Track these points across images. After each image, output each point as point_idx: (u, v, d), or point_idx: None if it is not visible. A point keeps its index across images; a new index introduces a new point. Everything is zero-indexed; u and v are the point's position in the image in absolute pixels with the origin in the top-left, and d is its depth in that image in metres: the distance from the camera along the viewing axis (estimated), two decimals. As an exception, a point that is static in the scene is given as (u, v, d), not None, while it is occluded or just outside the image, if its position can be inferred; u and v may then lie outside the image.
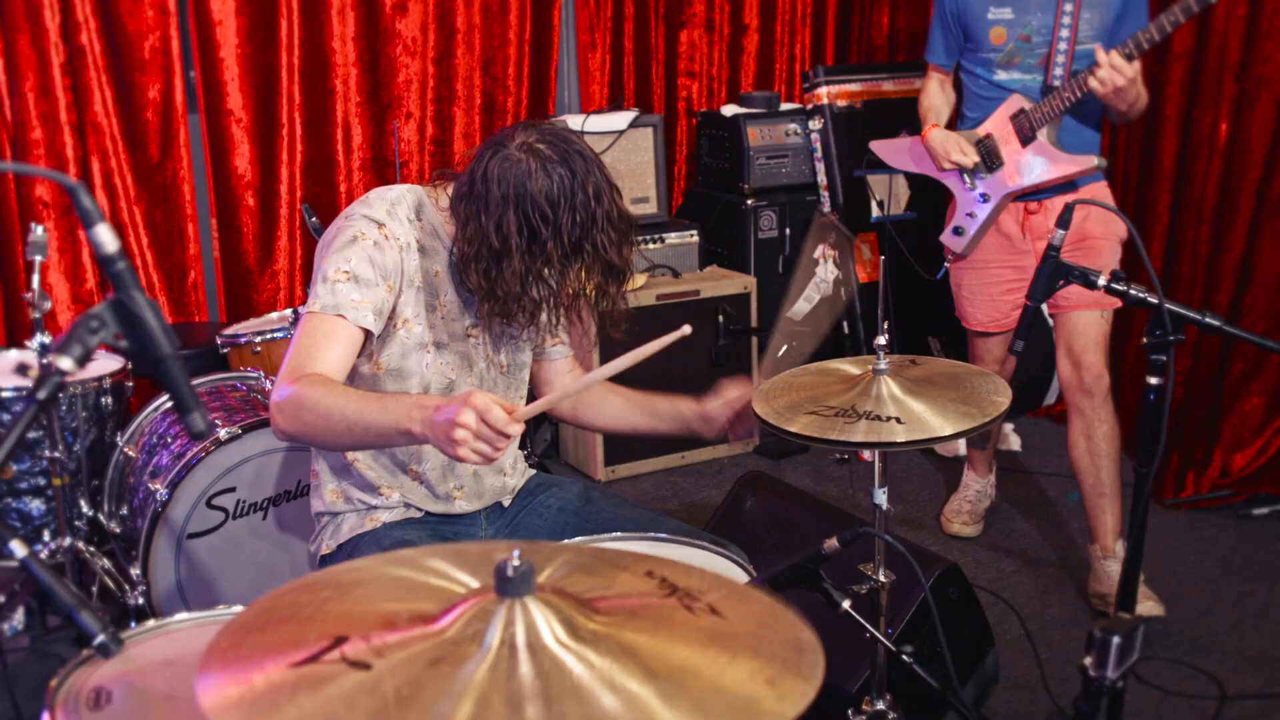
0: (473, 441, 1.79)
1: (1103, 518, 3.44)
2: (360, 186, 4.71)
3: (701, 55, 5.42)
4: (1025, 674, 3.11)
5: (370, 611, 1.32)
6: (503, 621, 1.25)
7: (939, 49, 3.64)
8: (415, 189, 2.25)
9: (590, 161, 2.08)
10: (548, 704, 1.16)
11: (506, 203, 2.03)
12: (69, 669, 1.78)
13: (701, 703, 1.17)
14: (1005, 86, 3.42)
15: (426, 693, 1.17)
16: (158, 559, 2.92)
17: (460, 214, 2.10)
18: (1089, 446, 3.41)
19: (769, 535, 3.02)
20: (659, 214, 4.84)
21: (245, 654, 1.26)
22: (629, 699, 1.17)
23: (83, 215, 1.08)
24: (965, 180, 3.53)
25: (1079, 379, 3.38)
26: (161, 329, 1.11)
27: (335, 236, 2.14)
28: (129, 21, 4.24)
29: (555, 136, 2.07)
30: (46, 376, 1.07)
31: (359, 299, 2.07)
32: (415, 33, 4.72)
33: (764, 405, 2.11)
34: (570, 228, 2.04)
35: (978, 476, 4.02)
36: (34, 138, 4.14)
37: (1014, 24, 3.36)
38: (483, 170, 2.06)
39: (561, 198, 2.03)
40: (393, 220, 2.16)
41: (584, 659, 1.22)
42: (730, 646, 1.25)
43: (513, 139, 2.07)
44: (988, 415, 2.00)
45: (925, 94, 3.73)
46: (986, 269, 3.59)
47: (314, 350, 2.04)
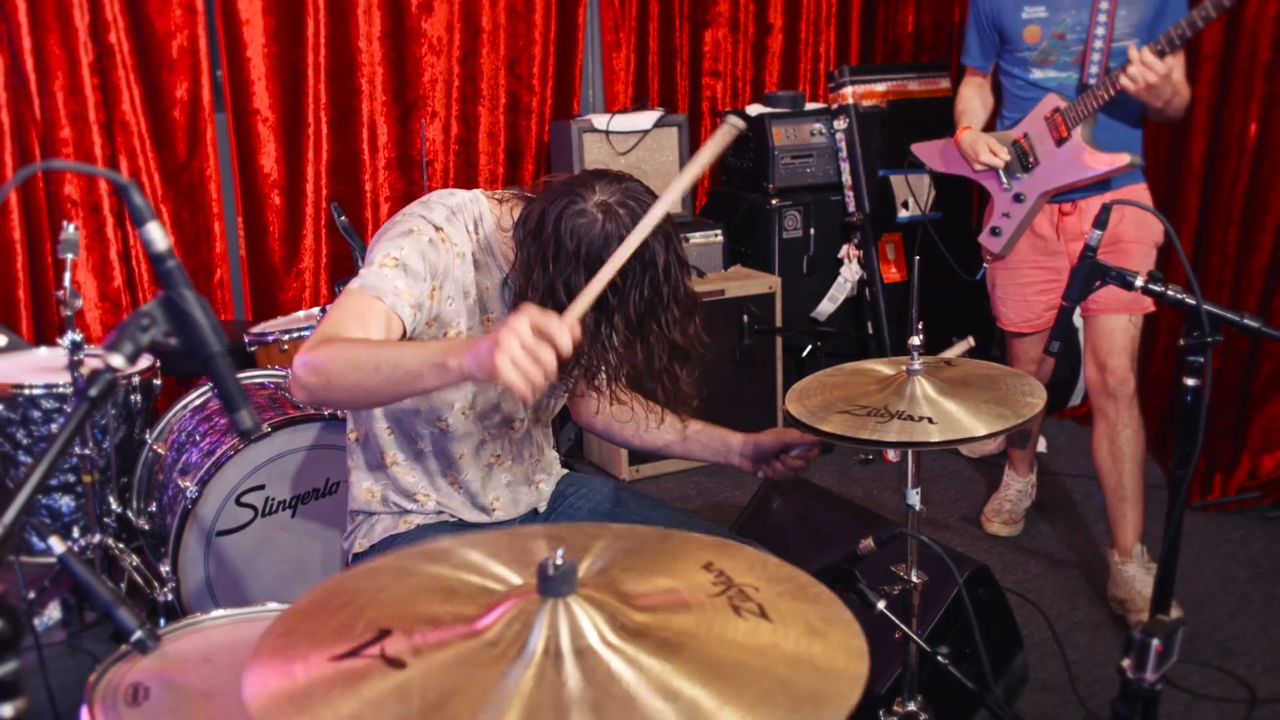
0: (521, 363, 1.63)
1: (1123, 522, 3.42)
2: (385, 186, 4.72)
3: (726, 55, 5.42)
4: (1053, 676, 3.10)
5: (419, 606, 1.32)
6: (545, 624, 1.25)
7: (974, 51, 3.62)
8: (479, 199, 2.18)
9: (665, 235, 1.98)
10: (592, 711, 1.15)
11: (577, 262, 1.95)
12: (106, 664, 1.79)
13: (746, 710, 1.16)
14: (1041, 85, 3.40)
15: (461, 700, 1.16)
16: (187, 556, 2.93)
17: (525, 249, 2.03)
18: (1112, 450, 3.39)
19: (796, 536, 3.02)
20: (683, 213, 4.84)
21: (295, 641, 1.26)
22: (675, 703, 1.16)
23: (134, 213, 1.08)
24: (1001, 180, 3.52)
25: (1104, 382, 3.36)
26: (211, 326, 1.12)
27: (391, 227, 2.11)
28: (157, 21, 4.26)
29: (635, 200, 1.99)
30: (98, 374, 1.08)
31: (402, 287, 2.01)
32: (441, 32, 4.73)
33: (797, 405, 2.11)
34: (636, 302, 1.97)
35: (1018, 476, 4.01)
36: (63, 136, 4.16)
37: (1048, 22, 3.34)
38: (556, 217, 1.97)
39: (632, 271, 1.94)
40: (451, 227, 2.11)
41: (631, 661, 1.21)
42: (774, 653, 1.24)
43: (592, 192, 1.98)
44: (1021, 416, 1.99)
45: (960, 97, 3.72)
46: (1020, 269, 3.58)
47: (347, 324, 1.95)
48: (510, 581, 1.37)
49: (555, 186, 2.04)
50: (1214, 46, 4.14)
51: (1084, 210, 3.43)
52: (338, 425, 3.02)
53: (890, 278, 5.00)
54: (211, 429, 3.14)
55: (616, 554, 1.43)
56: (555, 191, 2.02)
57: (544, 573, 1.28)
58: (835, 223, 5.00)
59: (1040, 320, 3.61)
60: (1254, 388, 4.18)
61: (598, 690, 1.18)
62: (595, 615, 1.26)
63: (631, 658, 1.22)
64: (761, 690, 1.19)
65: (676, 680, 1.19)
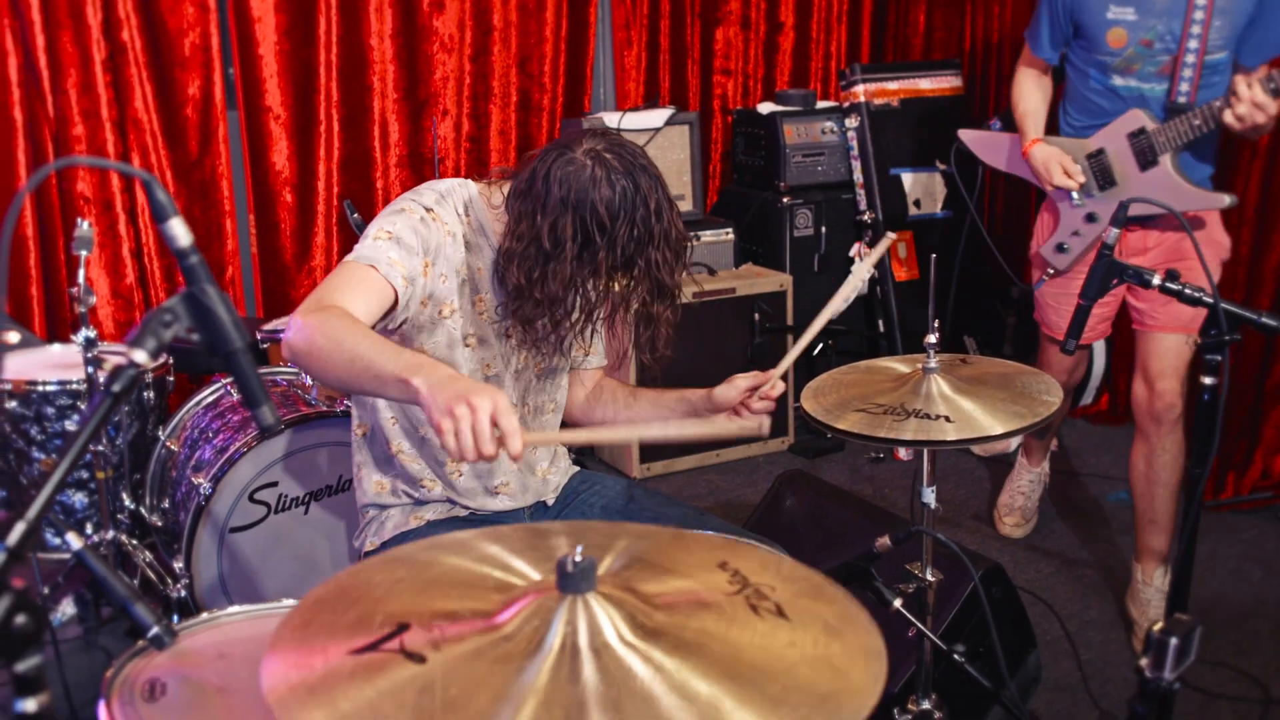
0: (464, 428, 1.66)
1: (1150, 543, 3.35)
2: (397, 183, 4.72)
3: (737, 53, 5.41)
4: (1066, 675, 3.09)
5: (436, 600, 1.32)
6: (564, 620, 1.25)
7: (1044, 40, 3.35)
8: (467, 184, 2.24)
9: (654, 178, 2.05)
10: (609, 709, 1.15)
11: (565, 206, 2.00)
12: (123, 660, 1.79)
13: (764, 709, 1.16)
14: (1122, 95, 3.18)
15: (480, 695, 1.16)
16: (200, 553, 2.94)
17: (514, 210, 2.08)
18: (1147, 472, 3.30)
19: (809, 533, 3.02)
20: (694, 211, 4.84)
21: (313, 634, 1.26)
22: (691, 702, 1.16)
23: (156, 209, 1.08)
24: (1073, 198, 3.33)
25: (1150, 404, 3.24)
26: (233, 322, 1.12)
27: (387, 209, 2.16)
28: (169, 18, 4.26)
29: (622, 148, 2.05)
30: (121, 370, 1.08)
31: (395, 258, 2.04)
32: (452, 30, 4.73)
33: (813, 402, 2.10)
34: (626, 241, 2.01)
35: (1030, 466, 3.95)
36: (75, 133, 4.17)
37: (1136, 26, 3.09)
38: (545, 170, 2.03)
39: (622, 210, 2.00)
40: (441, 208, 2.17)
41: (648, 660, 1.21)
42: (793, 652, 1.24)
43: (580, 144, 2.05)
44: (1038, 415, 1.99)
45: (1022, 93, 3.47)
46: (1074, 280, 3.39)
47: (342, 291, 1.96)
48: (529, 577, 1.37)
49: (543, 150, 2.10)
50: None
51: (1149, 227, 3.26)
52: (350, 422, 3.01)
53: (901, 276, 5.00)
54: (224, 426, 3.14)
55: (634, 553, 1.43)
56: (544, 151, 2.08)
57: (563, 569, 1.28)
58: (846, 221, 5.00)
59: (1093, 333, 3.51)
60: (1268, 387, 4.17)
61: (615, 687, 1.18)
62: (614, 613, 1.26)
63: (649, 656, 1.22)
64: (780, 690, 1.19)
65: (694, 679, 1.19)
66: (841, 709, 1.17)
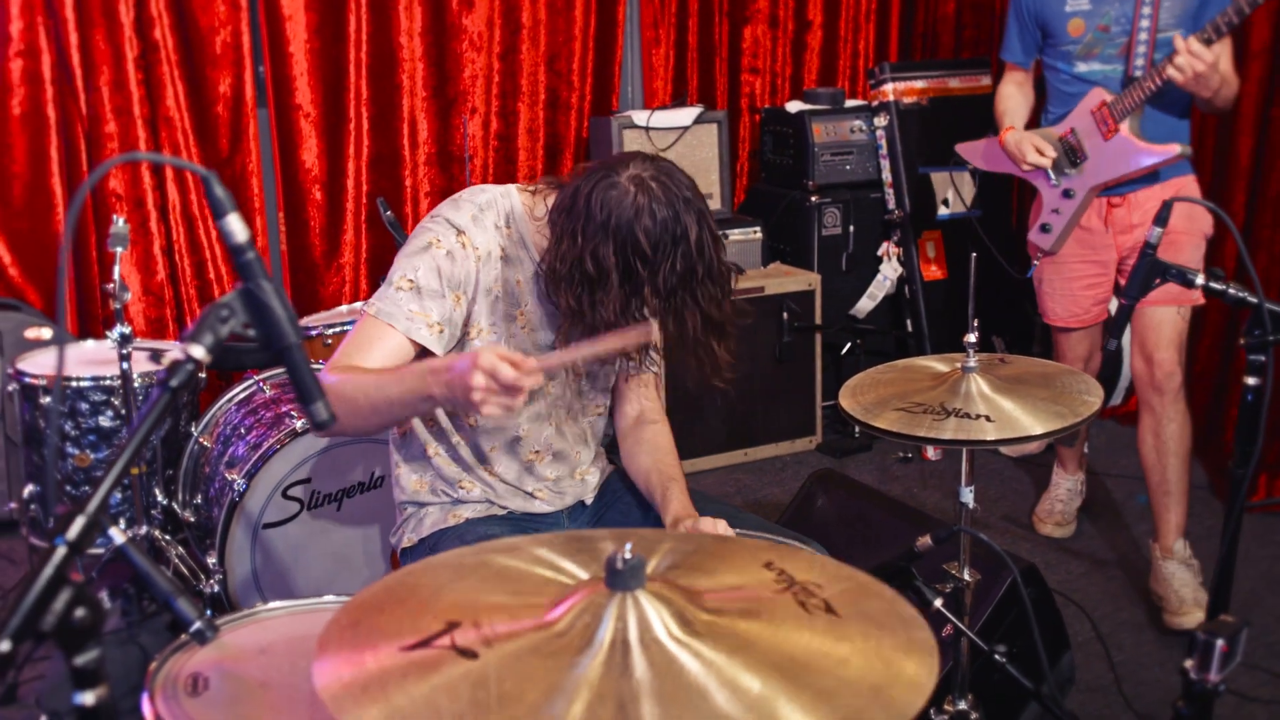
0: (490, 399, 1.77)
1: (1166, 516, 3.40)
2: (425, 181, 4.73)
3: (765, 51, 5.40)
4: (1098, 677, 3.08)
5: (483, 599, 1.32)
6: (614, 616, 1.25)
7: (1015, 47, 3.60)
8: (511, 193, 2.20)
9: (697, 210, 2.00)
10: (660, 703, 1.16)
11: (606, 233, 1.96)
12: (165, 654, 1.80)
13: (815, 704, 1.16)
14: (1086, 79, 3.37)
15: (534, 689, 1.17)
16: (234, 548, 2.95)
17: (556, 227, 2.04)
18: (1156, 444, 3.37)
19: (841, 533, 3.01)
20: (722, 210, 4.83)
21: (362, 633, 1.27)
22: (742, 697, 1.16)
23: (214, 205, 1.09)
24: (1050, 177, 3.50)
25: (1150, 375, 3.34)
26: (288, 318, 1.12)
27: (413, 239, 2.13)
28: (201, 17, 4.28)
29: (668, 176, 2.00)
30: (179, 364, 1.08)
31: (416, 310, 2.05)
32: (481, 28, 4.74)
33: (851, 401, 2.10)
34: (668, 273, 1.97)
35: (1067, 474, 3.98)
36: (108, 131, 4.19)
37: (1092, 15, 3.32)
38: (589, 191, 1.99)
39: (663, 242, 1.96)
40: (476, 227, 2.13)
41: (698, 655, 1.22)
42: (843, 647, 1.24)
43: (626, 167, 2.00)
44: (1079, 415, 1.98)
45: (1001, 95, 3.68)
46: (1067, 264, 3.55)
47: (355, 353, 2.04)
48: (577, 576, 1.37)
49: (590, 166, 2.06)
50: (1263, 43, 4.10)
51: (1133, 203, 3.41)
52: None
53: (930, 275, 4.98)
54: (257, 422, 3.15)
55: (680, 553, 1.43)
56: (589, 170, 2.04)
57: (612, 566, 1.28)
58: (875, 220, 4.98)
59: (1088, 315, 3.59)
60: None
61: (665, 681, 1.19)
62: (663, 610, 1.26)
63: (699, 652, 1.22)
64: (833, 684, 1.19)
65: (744, 675, 1.19)
66: (895, 701, 1.17)
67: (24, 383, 3.28)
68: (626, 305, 1.99)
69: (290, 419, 3.04)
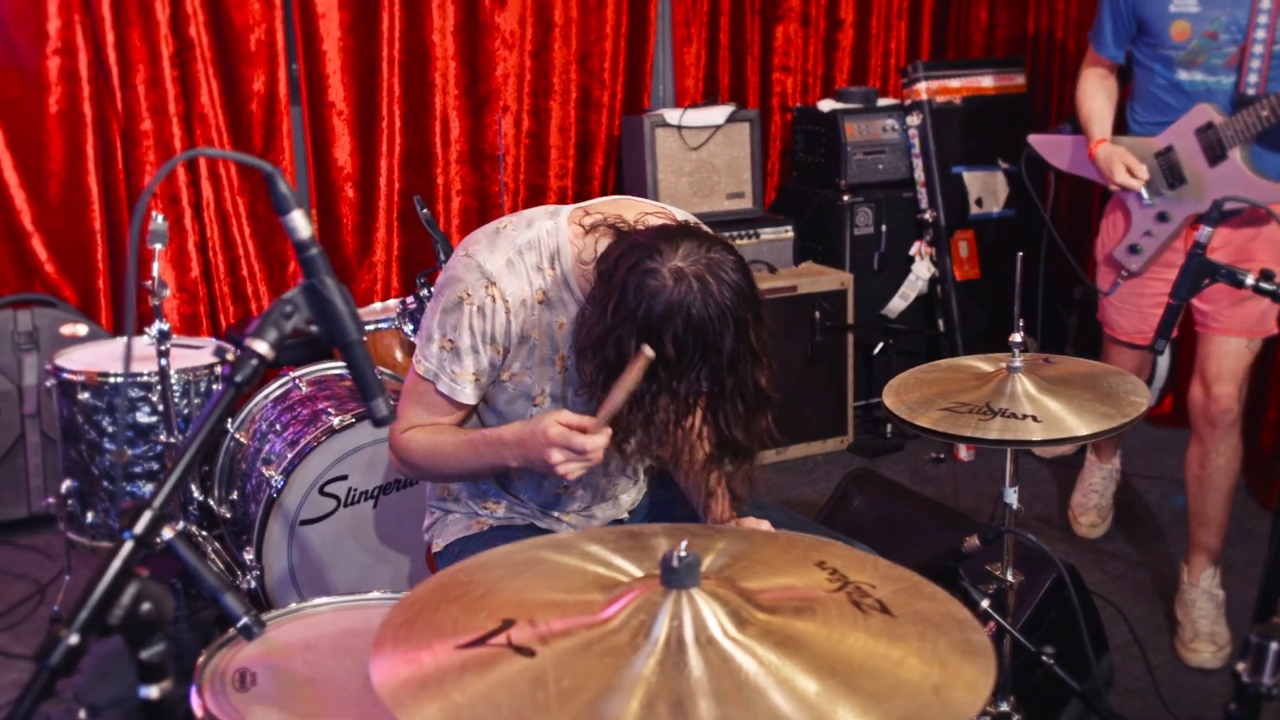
0: (570, 465, 1.86)
1: (1199, 544, 3.30)
2: (457, 179, 4.73)
3: (796, 50, 5.39)
4: (1135, 680, 3.06)
5: (538, 597, 1.32)
6: (669, 614, 1.25)
7: (1107, 39, 3.31)
8: (560, 230, 2.04)
9: (739, 320, 1.80)
10: (716, 701, 1.16)
11: (634, 323, 1.79)
12: (213, 649, 1.81)
13: (872, 706, 1.15)
14: (1187, 89, 3.13)
15: (591, 686, 1.17)
16: (271, 544, 2.95)
17: (595, 291, 1.89)
18: (1201, 475, 3.26)
19: (878, 533, 2.99)
20: (753, 209, 4.83)
21: (417, 632, 1.27)
22: (798, 697, 1.16)
23: (278, 201, 1.09)
24: (1143, 195, 3.25)
25: (1206, 407, 3.19)
26: (350, 314, 1.13)
27: (445, 287, 2.05)
28: (236, 14, 4.30)
29: (716, 273, 1.79)
30: (243, 360, 1.09)
31: (458, 371, 2.04)
32: (514, 26, 4.74)
33: (895, 400, 2.09)
34: (690, 384, 1.83)
35: (1101, 462, 3.90)
36: (143, 128, 4.21)
37: (1199, 18, 3.05)
38: (629, 267, 1.81)
39: (690, 352, 1.79)
40: (510, 273, 2.01)
41: (754, 654, 1.21)
42: (899, 647, 1.24)
43: (675, 249, 1.80)
44: (1127, 416, 1.97)
45: (1086, 95, 3.41)
46: (1141, 280, 3.36)
47: (412, 411, 2.13)
48: (630, 573, 1.37)
49: (643, 232, 1.89)
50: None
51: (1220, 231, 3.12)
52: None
53: (963, 275, 4.96)
54: (294, 419, 3.16)
55: (733, 552, 1.43)
56: (640, 238, 1.86)
57: (668, 564, 1.28)
58: (907, 219, 4.97)
59: (1150, 329, 3.47)
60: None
61: (722, 680, 1.19)
62: (718, 609, 1.26)
63: (754, 651, 1.22)
64: (891, 684, 1.19)
65: (800, 674, 1.19)
66: (955, 702, 1.16)
67: (62, 379, 3.29)
68: (639, 399, 1.84)
69: (327, 416, 3.05)
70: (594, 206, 2.09)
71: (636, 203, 2.13)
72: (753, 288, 1.84)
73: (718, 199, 4.78)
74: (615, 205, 2.09)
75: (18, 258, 4.17)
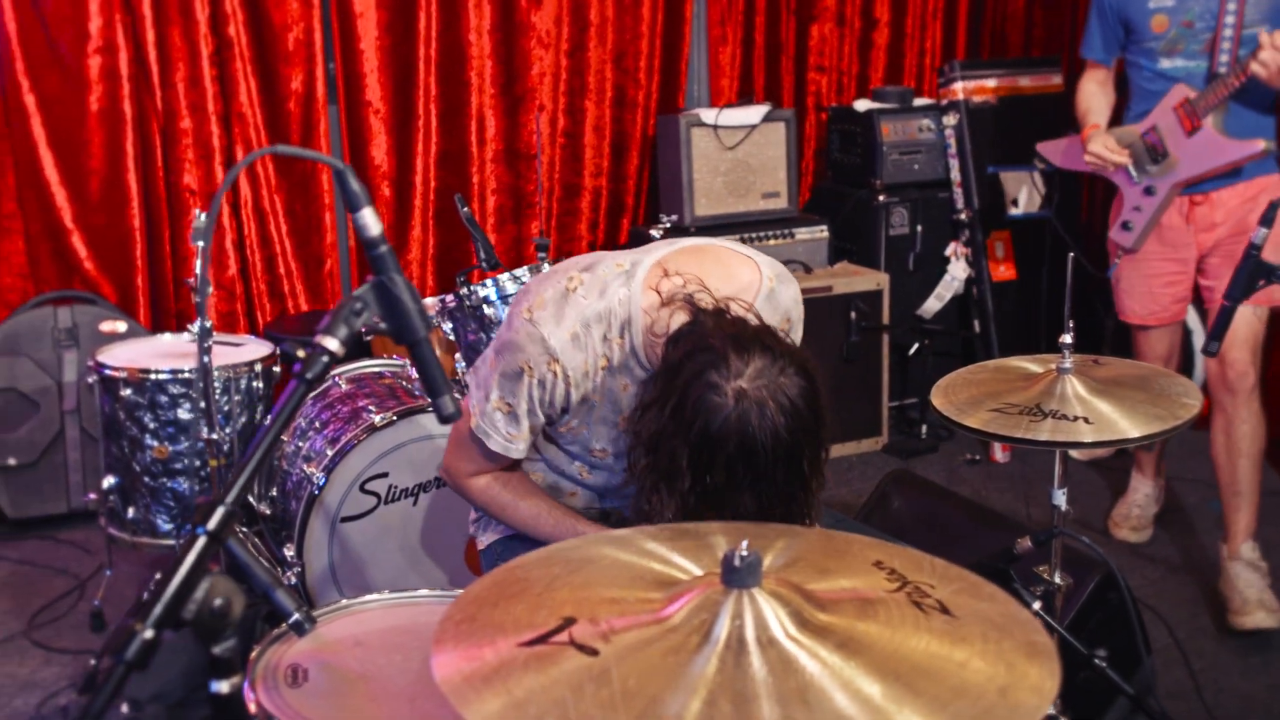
0: None
1: (1235, 517, 3.38)
2: (492, 178, 4.74)
3: (831, 49, 5.37)
4: (1176, 684, 3.03)
5: (597, 595, 1.32)
6: (730, 614, 1.25)
7: (1096, 44, 3.59)
8: (632, 300, 1.95)
9: (793, 450, 1.72)
10: (778, 702, 1.15)
11: (688, 436, 1.72)
12: (265, 644, 1.81)
13: (936, 709, 1.15)
14: (1169, 75, 3.37)
15: (653, 684, 1.17)
16: (312, 542, 2.97)
17: (656, 380, 1.81)
18: (1227, 444, 3.36)
19: (919, 534, 2.98)
20: (788, 209, 4.82)
21: (478, 629, 1.27)
22: (862, 700, 1.15)
23: (350, 199, 1.10)
24: (1131, 174, 3.49)
25: (1223, 375, 3.32)
26: (418, 312, 1.13)
27: (506, 351, 1.99)
28: (274, 14, 4.32)
29: (780, 398, 1.70)
30: (313, 357, 1.09)
31: (514, 433, 2.04)
32: (549, 25, 4.75)
33: (943, 400, 2.08)
34: (740, 506, 1.75)
35: (1145, 480, 3.93)
36: (183, 127, 4.24)
37: (1175, 11, 3.31)
38: (694, 373, 1.72)
39: (740, 478, 1.72)
40: (575, 347, 1.95)
41: (816, 655, 1.21)
42: (962, 649, 1.23)
43: (745, 362, 1.71)
44: (1179, 418, 1.96)
45: (1082, 94, 3.66)
46: (1146, 262, 3.54)
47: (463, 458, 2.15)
48: (690, 572, 1.36)
49: (717, 332, 1.77)
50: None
51: (1215, 201, 3.39)
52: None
53: (999, 276, 4.93)
54: (334, 417, 3.17)
55: (792, 552, 1.42)
56: (713, 339, 1.75)
57: (729, 563, 1.27)
58: (942, 220, 4.95)
59: (1167, 313, 3.56)
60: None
61: (784, 681, 1.18)
62: (779, 609, 1.25)
63: (815, 653, 1.21)
64: (956, 685, 1.18)
65: (863, 678, 1.18)
66: (1022, 704, 1.15)
67: (104, 375, 3.31)
68: (684, 505, 1.76)
69: (367, 413, 3.06)
70: (675, 263, 1.98)
71: (722, 254, 2.04)
72: (818, 416, 1.74)
73: (753, 199, 4.78)
74: (698, 258, 2.00)
75: (58, 255, 4.21)
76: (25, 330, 4.04)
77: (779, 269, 2.05)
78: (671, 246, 2.03)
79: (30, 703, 3.07)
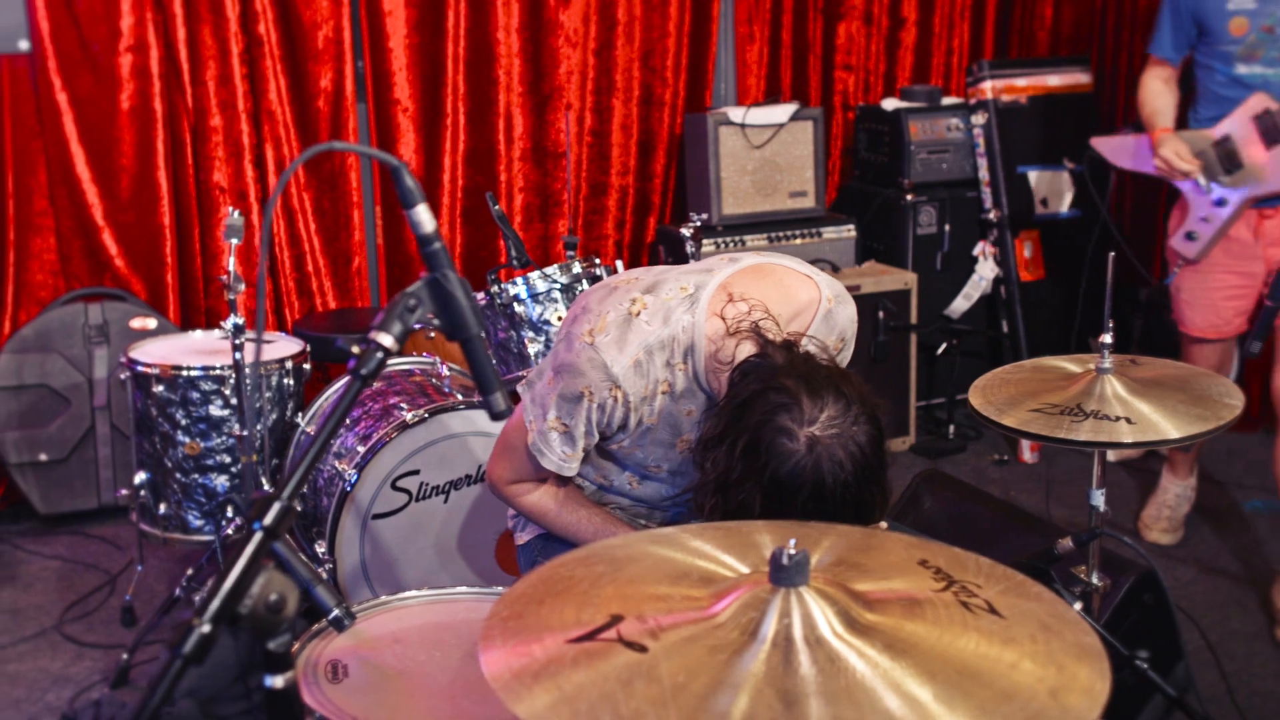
0: None
1: None
2: (520, 176, 4.74)
3: (859, 48, 5.36)
4: (1209, 686, 3.01)
5: (643, 592, 1.32)
6: (778, 612, 1.24)
7: (1166, 42, 3.45)
8: (696, 326, 1.94)
9: (861, 498, 1.72)
10: (827, 702, 1.15)
11: (759, 479, 1.70)
12: (305, 640, 1.82)
13: (987, 711, 1.14)
14: (1246, 82, 3.25)
15: (701, 682, 1.17)
16: (344, 538, 2.98)
17: (722, 415, 1.78)
18: None
19: (951, 534, 2.97)
20: (815, 208, 4.81)
21: (525, 626, 1.27)
22: (911, 701, 1.15)
23: (404, 195, 1.10)
24: (1200, 184, 3.35)
25: None
26: (472, 308, 1.13)
27: (566, 373, 1.97)
28: (304, 12, 4.33)
29: (850, 447, 1.69)
30: (368, 353, 1.09)
31: (569, 453, 2.03)
32: (577, 24, 4.74)
33: (981, 399, 2.07)
34: None
35: (1177, 479, 3.88)
36: (213, 124, 4.26)
37: (1257, 14, 3.19)
38: (764, 414, 1.71)
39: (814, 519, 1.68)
40: (636, 374, 1.94)
41: (864, 655, 1.20)
42: (1012, 650, 1.22)
43: (817, 410, 1.70)
44: (1221, 419, 1.94)
45: (1148, 93, 3.54)
46: (1211, 274, 3.43)
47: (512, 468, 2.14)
48: (737, 570, 1.36)
49: (788, 369, 1.76)
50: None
51: None
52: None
53: (1027, 276, 4.91)
54: (365, 414, 3.18)
55: (839, 551, 1.42)
56: (786, 379, 1.74)
57: (777, 561, 1.27)
58: (971, 219, 4.93)
59: (1229, 327, 3.48)
60: None
61: (832, 681, 1.18)
62: (827, 608, 1.25)
63: (864, 652, 1.21)
64: (1007, 686, 1.17)
65: (911, 678, 1.18)
66: (1073, 706, 1.15)
67: (136, 371, 3.33)
68: None
69: (399, 411, 3.07)
70: (738, 285, 1.97)
71: (783, 275, 2.03)
72: (883, 462, 1.75)
73: (780, 197, 4.77)
74: (760, 280, 2.00)
75: (89, 252, 4.23)
76: (56, 327, 4.07)
77: (838, 289, 2.08)
78: (735, 265, 2.01)
79: (62, 697, 3.09)
